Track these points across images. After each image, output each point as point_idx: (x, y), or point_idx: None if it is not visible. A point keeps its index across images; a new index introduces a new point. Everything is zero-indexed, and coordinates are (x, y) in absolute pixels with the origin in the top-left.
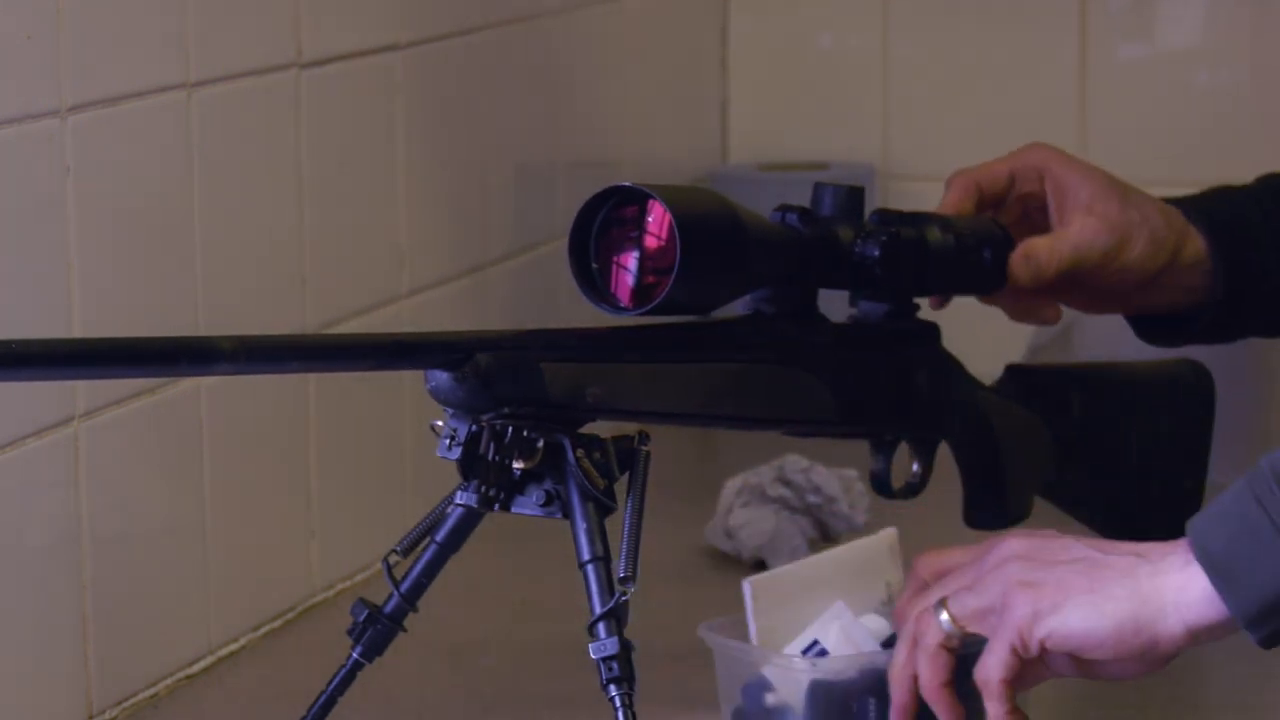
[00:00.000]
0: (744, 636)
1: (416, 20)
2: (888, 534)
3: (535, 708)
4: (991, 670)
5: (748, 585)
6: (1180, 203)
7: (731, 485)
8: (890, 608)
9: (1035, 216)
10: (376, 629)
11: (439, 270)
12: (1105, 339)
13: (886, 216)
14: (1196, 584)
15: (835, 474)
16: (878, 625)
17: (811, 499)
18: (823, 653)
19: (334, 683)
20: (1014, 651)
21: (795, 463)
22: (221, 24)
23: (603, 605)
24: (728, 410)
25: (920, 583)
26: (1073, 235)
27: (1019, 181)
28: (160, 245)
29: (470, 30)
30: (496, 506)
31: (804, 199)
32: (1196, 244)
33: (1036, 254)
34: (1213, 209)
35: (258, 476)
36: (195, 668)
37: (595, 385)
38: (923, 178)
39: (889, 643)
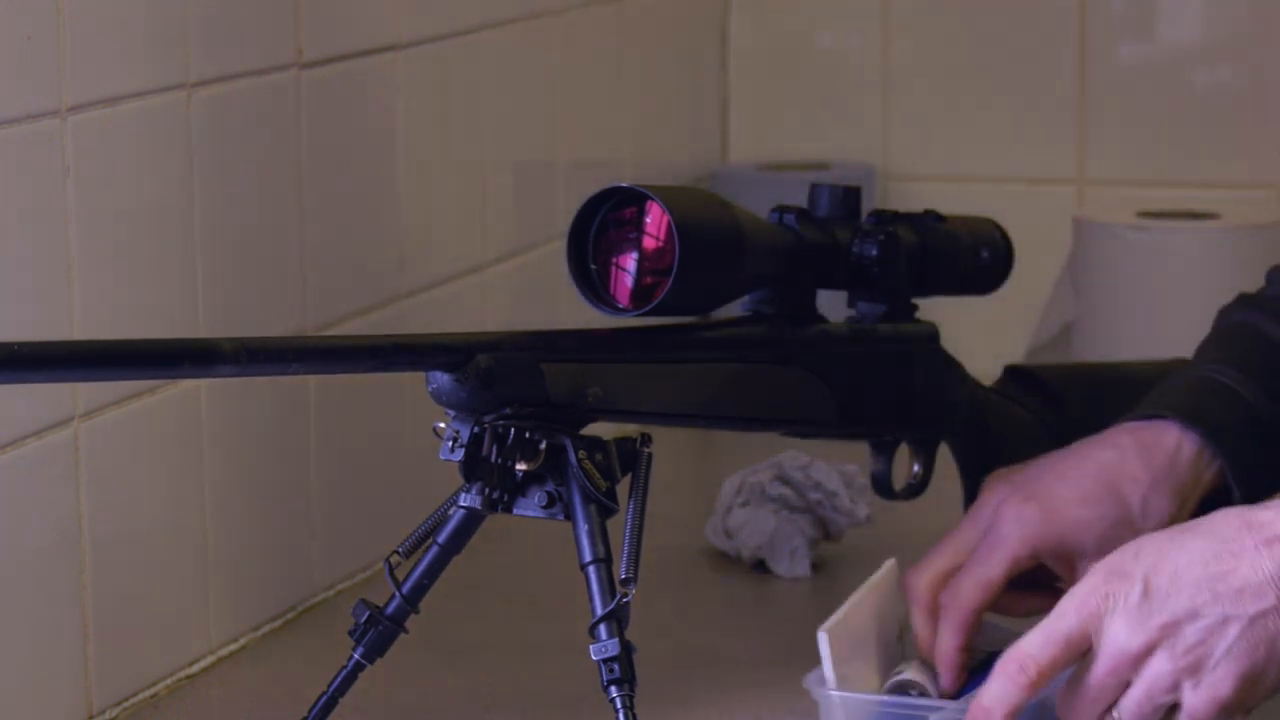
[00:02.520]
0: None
1: (416, 20)
2: (889, 568)
3: (535, 708)
4: None
5: (824, 635)
6: (1177, 413)
7: (730, 484)
8: (902, 646)
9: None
10: (378, 630)
11: (439, 270)
12: (1105, 339)
13: (883, 216)
14: None
15: (835, 469)
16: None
17: (813, 495)
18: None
19: (335, 683)
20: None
21: (794, 459)
22: (221, 24)
23: (604, 607)
24: (727, 411)
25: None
26: None
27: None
28: (160, 245)
29: (470, 30)
30: (499, 508)
31: (804, 199)
32: (1210, 474)
33: None
34: (1211, 422)
35: (258, 476)
36: (195, 668)
37: (595, 386)
38: (923, 178)
39: (896, 689)
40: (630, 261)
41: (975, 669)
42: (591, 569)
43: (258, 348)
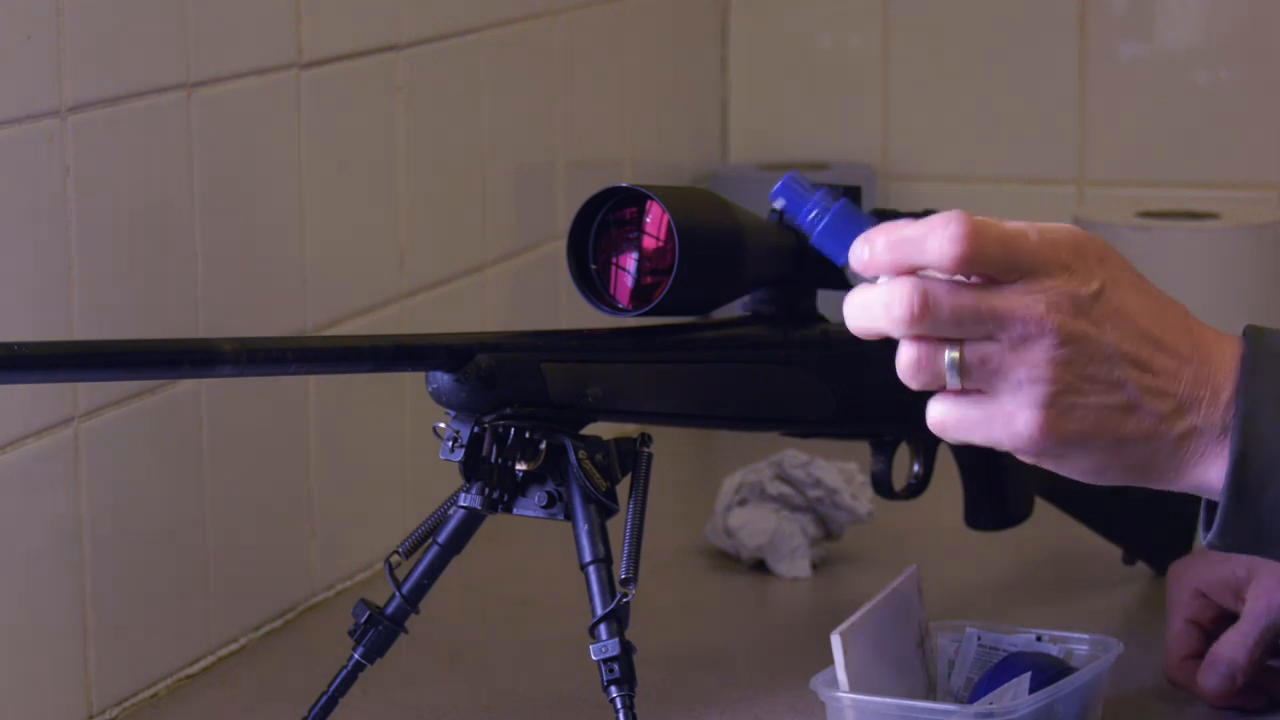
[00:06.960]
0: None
1: (416, 20)
2: (910, 573)
3: (535, 708)
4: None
5: (837, 638)
6: None
7: (730, 482)
8: (923, 653)
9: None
10: (378, 630)
11: (439, 270)
12: None
13: (884, 216)
14: (1215, 471)
15: (835, 466)
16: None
17: (813, 493)
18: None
19: (335, 683)
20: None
21: (794, 458)
22: (221, 24)
23: (604, 607)
24: (728, 411)
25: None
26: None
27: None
28: (160, 245)
29: (470, 30)
30: (499, 508)
31: None
32: None
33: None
34: None
35: (258, 476)
36: (195, 668)
37: (596, 386)
38: (923, 178)
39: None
40: (630, 261)
41: (995, 670)
42: (591, 569)
43: (258, 348)
